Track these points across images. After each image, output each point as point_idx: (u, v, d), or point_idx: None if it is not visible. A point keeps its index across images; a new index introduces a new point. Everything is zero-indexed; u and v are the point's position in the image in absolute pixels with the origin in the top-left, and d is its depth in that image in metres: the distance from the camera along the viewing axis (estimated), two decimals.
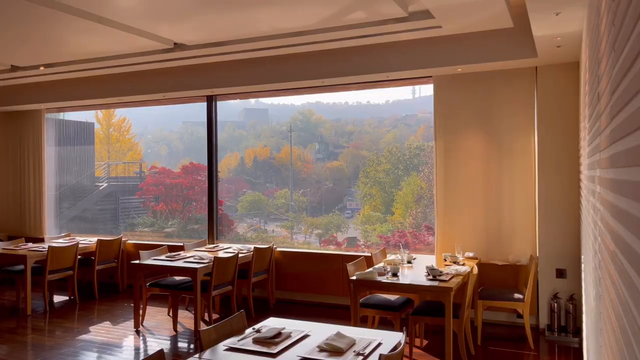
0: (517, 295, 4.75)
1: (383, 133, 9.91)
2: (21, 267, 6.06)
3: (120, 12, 4.41)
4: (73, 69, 6.44)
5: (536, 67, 5.13)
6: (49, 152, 8.14)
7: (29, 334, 5.22)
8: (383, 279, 4.32)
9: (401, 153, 8.69)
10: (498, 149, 5.36)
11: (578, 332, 4.82)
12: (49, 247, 6.07)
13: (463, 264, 4.91)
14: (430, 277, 4.32)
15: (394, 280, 4.31)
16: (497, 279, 5.24)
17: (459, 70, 5.30)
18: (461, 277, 4.39)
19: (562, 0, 3.25)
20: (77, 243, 6.45)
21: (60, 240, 6.99)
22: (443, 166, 5.56)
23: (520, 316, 5.00)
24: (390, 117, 10.25)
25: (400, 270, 4.56)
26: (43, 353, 4.65)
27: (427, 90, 7.53)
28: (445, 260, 5.12)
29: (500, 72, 5.31)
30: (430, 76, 5.59)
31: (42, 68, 6.38)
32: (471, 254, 5.29)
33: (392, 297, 4.66)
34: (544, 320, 5.06)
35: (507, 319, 5.33)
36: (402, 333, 2.89)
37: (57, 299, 6.60)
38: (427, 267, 4.48)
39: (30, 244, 6.62)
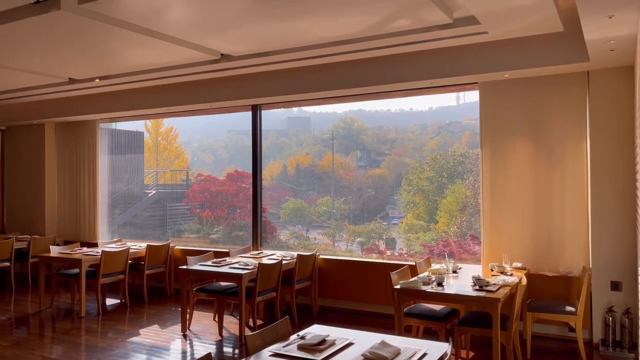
0: (568, 308, 4.58)
1: (426, 140, 9.79)
2: (76, 270, 6.34)
3: (170, 26, 4.58)
4: (125, 80, 6.72)
5: (588, 71, 4.96)
6: (102, 161, 8.51)
7: (83, 335, 5.45)
8: (428, 289, 4.27)
9: (445, 160, 8.56)
10: (548, 156, 5.20)
11: (634, 347, 4.58)
12: (102, 251, 6.32)
13: (511, 275, 4.78)
14: (477, 287, 4.23)
15: (439, 289, 4.25)
16: (547, 291, 5.07)
17: (506, 76, 5.19)
18: (509, 287, 4.27)
19: (615, 3, 3.14)
20: (128, 248, 6.69)
21: (113, 246, 7.26)
22: (489, 174, 5.45)
23: (572, 330, 4.82)
24: (433, 124, 10.12)
25: (445, 280, 4.50)
26: (96, 354, 4.83)
27: (472, 96, 7.39)
28: (492, 271, 5.00)
29: (550, 77, 5.17)
30: (476, 82, 5.50)
31: (97, 80, 6.69)
32: (519, 264, 5.14)
33: (437, 307, 4.58)
34: (597, 335, 4.85)
35: (558, 333, 5.14)
36: (448, 344, 2.84)
37: (109, 301, 6.86)
38: (473, 277, 4.40)
39: (84, 249, 6.91)
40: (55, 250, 6.71)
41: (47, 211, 8.73)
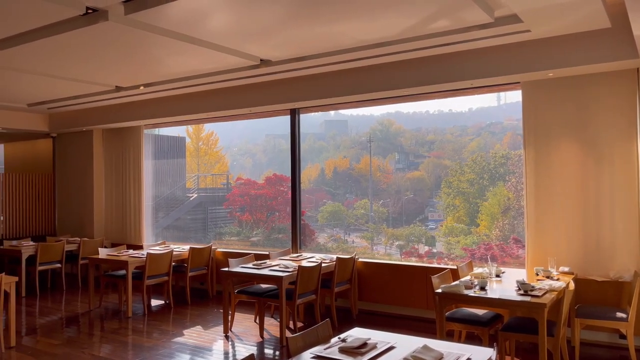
0: (619, 314, 4.40)
1: (466, 142, 9.62)
2: (123, 272, 6.55)
3: (211, 33, 4.69)
4: (168, 87, 6.92)
5: (637, 68, 4.77)
6: (147, 165, 8.77)
7: (130, 335, 5.62)
8: (470, 293, 4.19)
9: (486, 162, 8.38)
10: (595, 156, 5.02)
11: None
12: (147, 254, 6.51)
13: (557, 279, 4.63)
14: (522, 291, 4.13)
15: (481, 294, 4.17)
16: (596, 296, 4.89)
17: (550, 75, 5.05)
18: (556, 292, 4.15)
19: None
20: (172, 251, 6.86)
21: (157, 248, 7.46)
22: (534, 175, 5.30)
23: (623, 337, 4.63)
24: (473, 125, 9.94)
25: (488, 284, 4.40)
26: (142, 353, 4.98)
27: (513, 96, 7.22)
28: (538, 275, 4.86)
29: (597, 75, 4.99)
30: (518, 82, 5.37)
31: (141, 88, 6.91)
32: (566, 269, 4.98)
33: (480, 311, 4.49)
34: None
35: (608, 340, 4.95)
36: (492, 349, 2.79)
37: (154, 302, 7.05)
38: (517, 282, 4.29)
39: (130, 251, 7.13)
40: (103, 253, 6.96)
41: (95, 214, 9.07)
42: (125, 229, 8.77)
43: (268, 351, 5.08)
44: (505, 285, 4.52)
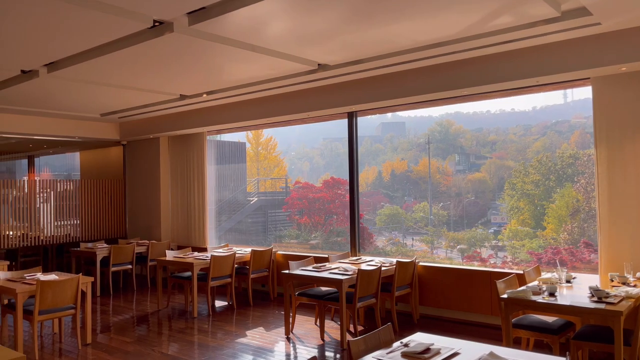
0: None
1: (530, 141, 9.25)
2: (189, 273, 6.80)
3: (270, 40, 4.79)
4: (229, 94, 7.13)
5: None
6: (210, 170, 9.08)
7: (196, 335, 5.82)
8: (539, 299, 4.02)
9: (552, 162, 8.02)
10: None
11: None
12: (212, 256, 6.73)
13: (634, 286, 4.35)
14: (595, 298, 3.91)
15: (551, 300, 3.99)
16: None
17: (623, 69, 4.77)
18: (633, 299, 3.90)
19: None
20: (234, 253, 7.05)
21: (220, 250, 7.69)
22: (606, 176, 5.02)
23: None
24: (538, 124, 9.54)
25: (558, 290, 4.21)
26: (207, 352, 5.14)
27: (581, 93, 6.88)
28: (612, 281, 4.59)
29: None
30: (588, 78, 5.10)
31: (204, 95, 7.17)
32: None
33: (549, 318, 4.30)
34: None
35: None
36: (565, 358, 2.66)
37: (218, 303, 7.26)
38: (590, 288, 4.07)
39: (195, 253, 7.40)
40: (170, 255, 7.26)
41: (162, 218, 9.48)
42: (190, 232, 9.10)
43: (329, 354, 5.11)
44: (576, 292, 4.30)
